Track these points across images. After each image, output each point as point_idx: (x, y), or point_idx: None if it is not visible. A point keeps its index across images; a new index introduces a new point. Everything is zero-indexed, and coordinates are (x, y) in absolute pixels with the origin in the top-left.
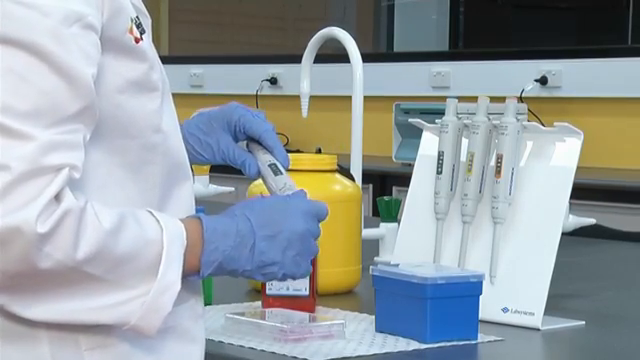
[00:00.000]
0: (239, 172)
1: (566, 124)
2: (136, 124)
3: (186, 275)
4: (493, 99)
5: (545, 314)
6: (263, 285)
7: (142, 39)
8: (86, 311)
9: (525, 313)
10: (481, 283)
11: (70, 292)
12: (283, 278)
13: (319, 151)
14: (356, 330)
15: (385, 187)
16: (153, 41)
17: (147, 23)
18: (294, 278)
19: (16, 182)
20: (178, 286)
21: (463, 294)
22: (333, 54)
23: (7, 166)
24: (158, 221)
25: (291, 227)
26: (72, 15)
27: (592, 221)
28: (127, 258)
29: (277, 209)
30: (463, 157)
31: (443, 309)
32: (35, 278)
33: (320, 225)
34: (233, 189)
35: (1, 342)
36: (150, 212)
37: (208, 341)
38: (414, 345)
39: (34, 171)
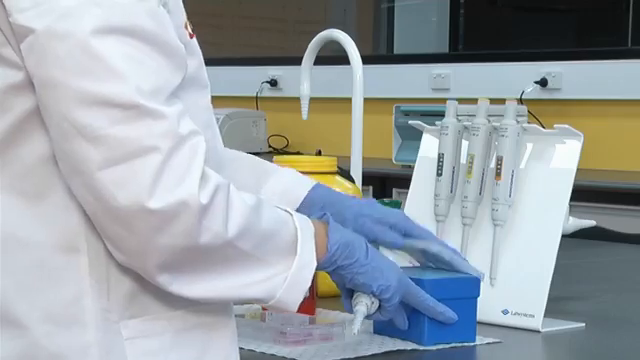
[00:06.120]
0: None
1: (566, 126)
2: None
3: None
4: (493, 101)
5: (545, 316)
6: None
7: (194, 35)
8: (239, 287)
9: (525, 315)
10: (479, 285)
11: (224, 269)
12: (385, 292)
13: (319, 153)
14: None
15: (385, 189)
16: None
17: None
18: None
19: (167, 159)
20: (315, 263)
21: (461, 296)
22: (333, 56)
23: (156, 147)
24: (279, 207)
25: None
26: None
27: (592, 223)
28: (270, 235)
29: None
30: (463, 159)
31: None
32: (194, 254)
33: None
34: None
35: (52, 326)
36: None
37: None
38: (412, 347)
39: (178, 144)
